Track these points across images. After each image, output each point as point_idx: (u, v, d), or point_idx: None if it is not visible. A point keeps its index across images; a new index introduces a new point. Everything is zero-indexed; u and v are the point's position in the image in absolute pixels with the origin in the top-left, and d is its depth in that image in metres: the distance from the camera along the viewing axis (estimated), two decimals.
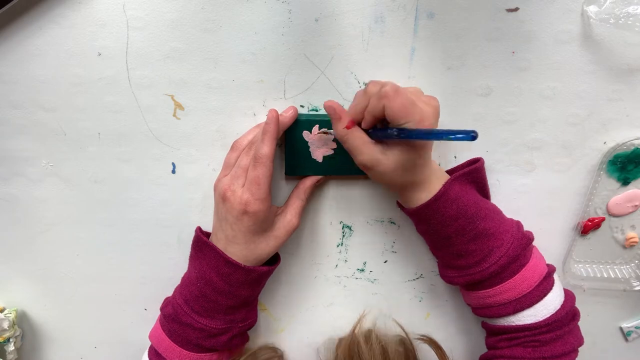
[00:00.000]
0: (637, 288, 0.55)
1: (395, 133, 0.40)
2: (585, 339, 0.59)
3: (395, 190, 0.48)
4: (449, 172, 0.50)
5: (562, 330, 0.46)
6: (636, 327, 0.58)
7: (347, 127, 0.44)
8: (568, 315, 0.47)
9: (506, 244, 0.45)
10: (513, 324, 0.47)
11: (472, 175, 0.48)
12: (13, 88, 0.50)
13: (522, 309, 0.46)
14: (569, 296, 0.48)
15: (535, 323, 0.45)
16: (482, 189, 0.50)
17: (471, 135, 0.33)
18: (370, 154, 0.43)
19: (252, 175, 0.44)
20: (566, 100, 0.51)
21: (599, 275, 0.56)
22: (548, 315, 0.46)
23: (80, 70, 0.49)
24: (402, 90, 0.41)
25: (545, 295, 0.46)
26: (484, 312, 0.49)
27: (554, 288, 0.47)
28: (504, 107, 0.51)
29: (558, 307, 0.46)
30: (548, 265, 0.49)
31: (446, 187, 0.45)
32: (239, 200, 0.45)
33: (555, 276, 0.48)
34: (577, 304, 0.57)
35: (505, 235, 0.46)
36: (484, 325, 0.51)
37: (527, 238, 0.48)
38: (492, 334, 0.50)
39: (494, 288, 0.46)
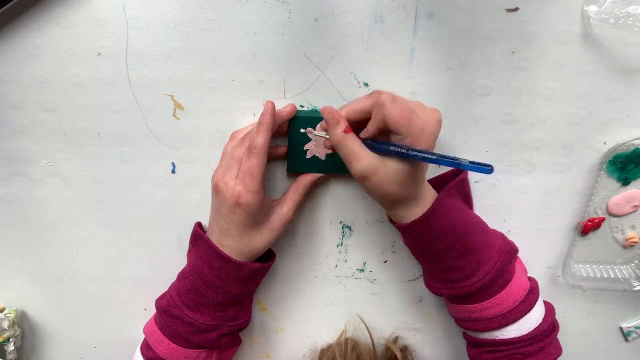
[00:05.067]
0: (637, 288, 0.55)
1: (403, 151, 0.39)
2: (585, 339, 0.59)
3: (386, 205, 0.46)
4: (431, 181, 0.50)
5: (544, 342, 0.46)
6: (636, 327, 0.58)
7: (345, 132, 0.42)
8: (549, 328, 0.47)
9: (494, 258, 0.46)
10: (497, 338, 0.47)
11: (460, 187, 0.48)
12: (13, 88, 0.50)
13: (507, 324, 0.46)
14: (549, 309, 0.49)
15: (519, 337, 0.46)
16: (467, 200, 0.50)
17: (488, 169, 0.34)
18: (369, 161, 0.41)
19: (245, 166, 0.44)
20: (566, 100, 0.51)
21: (599, 275, 0.56)
22: (531, 329, 0.46)
23: (80, 70, 0.49)
24: (399, 99, 0.41)
25: (529, 310, 0.46)
26: (468, 325, 0.49)
27: (536, 302, 0.48)
28: (504, 107, 0.51)
29: (540, 320, 0.47)
30: (530, 278, 0.49)
31: (438, 202, 0.44)
32: (231, 192, 0.44)
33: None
34: (577, 304, 0.57)
35: (492, 249, 0.46)
36: (466, 336, 0.51)
37: (514, 250, 0.48)
38: (475, 346, 0.50)
39: (481, 303, 0.46)
